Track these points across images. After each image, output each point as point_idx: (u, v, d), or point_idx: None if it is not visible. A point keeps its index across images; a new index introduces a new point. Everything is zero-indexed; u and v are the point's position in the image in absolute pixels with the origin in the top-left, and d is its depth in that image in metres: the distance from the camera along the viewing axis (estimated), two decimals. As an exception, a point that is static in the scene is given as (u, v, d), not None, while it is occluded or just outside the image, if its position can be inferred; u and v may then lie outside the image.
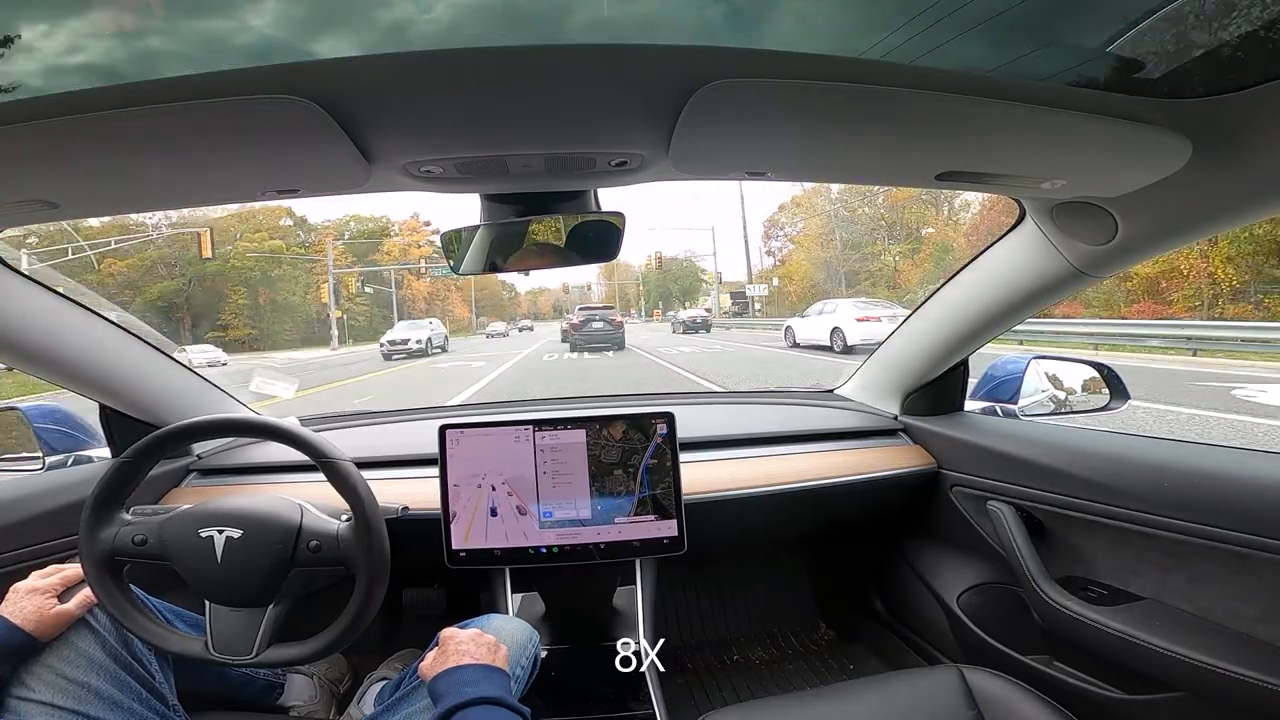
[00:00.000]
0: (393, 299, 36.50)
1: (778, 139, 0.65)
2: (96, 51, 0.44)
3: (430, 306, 43.51)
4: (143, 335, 1.17)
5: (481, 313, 61.90)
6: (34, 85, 0.46)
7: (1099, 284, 2.14)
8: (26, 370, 1.03)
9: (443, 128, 0.60)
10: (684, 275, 49.54)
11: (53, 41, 0.43)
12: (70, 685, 0.79)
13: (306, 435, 0.88)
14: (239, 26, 0.43)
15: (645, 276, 53.28)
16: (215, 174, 0.66)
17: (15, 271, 0.91)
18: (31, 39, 0.42)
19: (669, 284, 49.87)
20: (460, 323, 47.20)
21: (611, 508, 1.15)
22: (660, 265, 44.78)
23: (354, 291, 34.21)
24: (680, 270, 49.49)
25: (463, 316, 49.36)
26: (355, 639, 0.85)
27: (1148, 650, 0.88)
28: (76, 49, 0.43)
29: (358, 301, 35.54)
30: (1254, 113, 0.57)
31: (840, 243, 28.06)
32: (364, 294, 35.34)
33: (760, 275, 34.51)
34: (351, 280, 33.77)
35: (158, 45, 0.44)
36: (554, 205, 0.82)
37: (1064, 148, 0.66)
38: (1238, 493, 0.85)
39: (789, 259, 32.69)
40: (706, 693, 1.54)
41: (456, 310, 48.57)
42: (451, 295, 48.84)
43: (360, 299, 35.61)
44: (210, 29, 0.44)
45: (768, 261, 34.76)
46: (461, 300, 50.48)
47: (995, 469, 1.21)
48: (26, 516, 1.03)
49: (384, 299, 37.88)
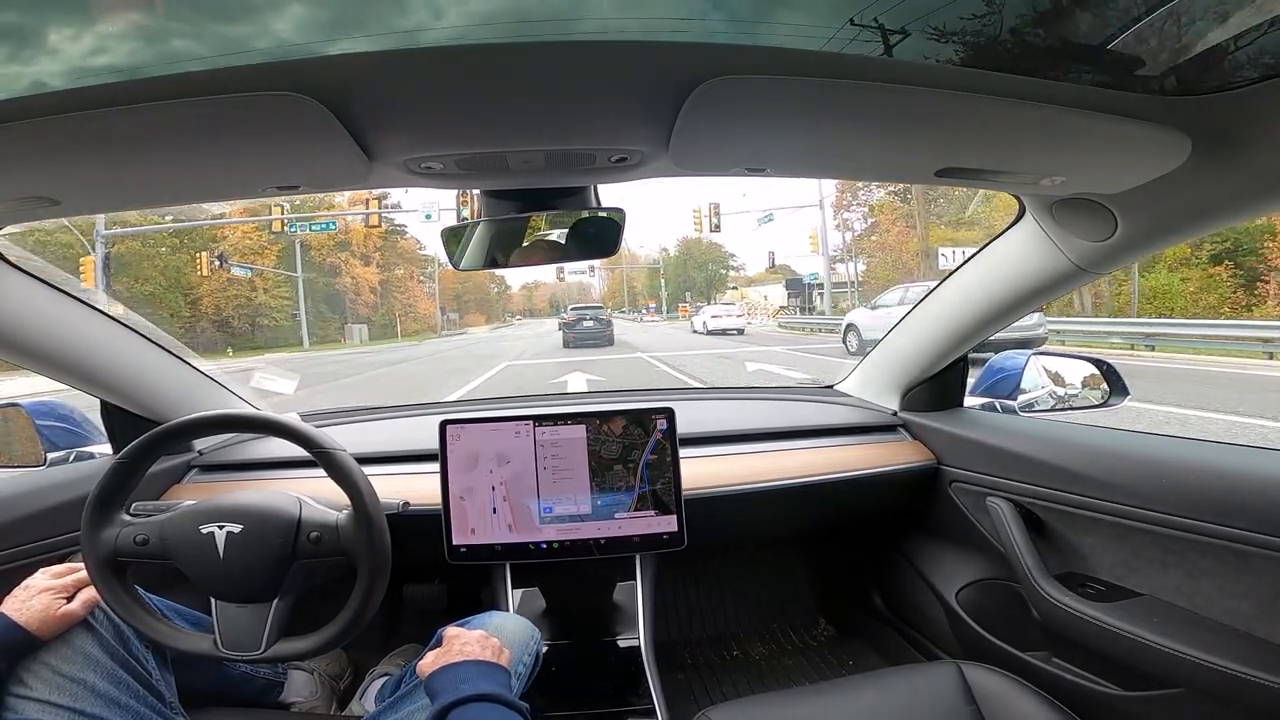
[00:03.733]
0: (336, 299, 29.41)
1: (777, 135, 0.65)
2: (103, 50, 0.44)
3: (383, 301, 35.30)
4: (143, 331, 1.17)
5: (465, 310, 54.80)
6: (55, 85, 0.46)
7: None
8: (27, 366, 1.03)
9: (443, 124, 0.60)
10: (709, 259, 42.37)
11: (79, 45, 0.43)
12: (67, 683, 0.78)
13: (305, 429, 0.88)
14: (258, 30, 0.43)
15: (666, 262, 45.88)
16: (216, 171, 0.66)
17: (15, 268, 0.91)
18: (58, 41, 0.43)
19: (691, 271, 43.14)
20: (424, 322, 38.54)
21: (611, 503, 1.15)
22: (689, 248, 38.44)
23: (266, 280, 25.20)
24: (704, 254, 42.37)
25: (426, 314, 40.10)
26: (360, 631, 0.86)
27: (1145, 647, 0.88)
28: (101, 49, 0.43)
29: (274, 293, 26.77)
30: (1253, 110, 0.57)
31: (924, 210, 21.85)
32: (285, 278, 26.97)
33: (839, 255, 25.95)
34: (269, 255, 25.03)
35: (161, 45, 0.45)
36: (554, 201, 0.82)
37: (1063, 145, 0.66)
38: (1236, 489, 0.85)
39: (881, 227, 24.48)
40: (706, 688, 1.55)
41: (420, 306, 39.52)
42: (413, 286, 38.98)
43: (277, 290, 26.94)
44: (225, 31, 0.44)
45: (840, 238, 25.79)
46: (426, 294, 40.62)
47: (994, 465, 1.22)
48: (27, 514, 1.03)
49: (326, 293, 31.29)
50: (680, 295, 43.91)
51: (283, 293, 27.34)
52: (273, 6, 0.42)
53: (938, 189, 18.50)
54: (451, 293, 50.25)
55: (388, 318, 34.86)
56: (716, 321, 18.49)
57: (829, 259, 24.68)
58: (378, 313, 34.31)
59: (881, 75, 0.52)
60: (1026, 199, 0.93)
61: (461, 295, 53.88)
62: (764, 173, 0.74)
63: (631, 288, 56.42)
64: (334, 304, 32.41)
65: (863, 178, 1.00)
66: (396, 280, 37.31)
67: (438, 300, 41.65)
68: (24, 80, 0.45)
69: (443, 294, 46.32)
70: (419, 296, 39.66)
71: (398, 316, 35.16)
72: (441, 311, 41.76)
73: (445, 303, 47.11)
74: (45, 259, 0.91)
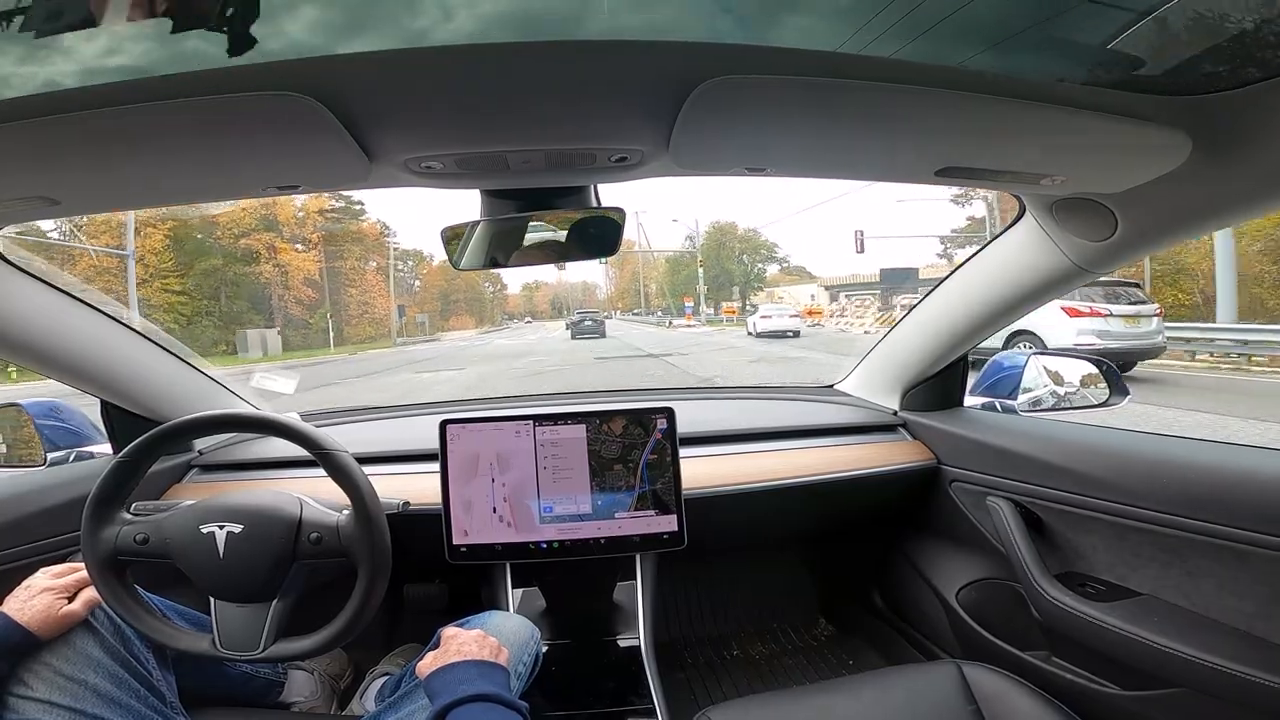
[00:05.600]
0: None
1: (778, 135, 0.65)
2: (117, 50, 0.44)
3: (333, 298, 27.36)
4: (143, 331, 1.17)
5: (451, 311, 47.44)
6: (65, 85, 0.46)
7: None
8: (28, 366, 1.03)
9: (443, 124, 0.60)
10: (746, 249, 33.10)
11: (94, 44, 0.43)
12: (68, 683, 0.78)
13: (305, 429, 0.88)
14: (272, 30, 0.43)
15: (704, 252, 37.92)
16: (216, 170, 0.66)
17: (16, 268, 0.91)
18: (73, 41, 0.43)
19: (726, 264, 36.36)
20: (378, 327, 30.02)
21: (612, 503, 1.15)
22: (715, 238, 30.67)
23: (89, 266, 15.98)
24: (741, 244, 33.77)
25: (382, 314, 30.53)
26: (360, 631, 0.85)
27: (1145, 646, 0.88)
28: (114, 50, 0.43)
29: (164, 284, 20.14)
30: (1254, 109, 0.57)
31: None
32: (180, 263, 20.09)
33: (962, 233, 19.80)
34: (155, 236, 17.32)
35: (174, 45, 0.44)
36: (554, 201, 0.82)
37: (1064, 144, 0.66)
38: (1236, 489, 0.85)
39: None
40: (706, 687, 1.55)
41: (380, 305, 30.64)
42: (370, 279, 30.20)
43: (106, 277, 17.72)
44: (239, 32, 0.44)
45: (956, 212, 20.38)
46: (384, 291, 31.22)
47: (994, 464, 1.22)
48: (28, 513, 1.04)
49: (252, 289, 23.56)
50: (729, 293, 36.36)
51: (175, 290, 21.33)
52: (287, 7, 0.42)
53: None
54: (437, 291, 44.17)
55: (340, 319, 27.90)
56: (766, 323, 17.65)
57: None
58: (317, 313, 26.96)
59: (881, 75, 0.52)
60: (1027, 199, 0.93)
61: (449, 294, 47.00)
62: (764, 172, 0.74)
63: (645, 287, 48.39)
64: (260, 303, 25.49)
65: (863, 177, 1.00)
66: (347, 272, 28.77)
67: (392, 296, 31.53)
68: (37, 80, 0.45)
69: (426, 292, 41.52)
70: (379, 293, 31.00)
71: (350, 318, 28.56)
72: (400, 312, 31.66)
73: (427, 303, 41.00)
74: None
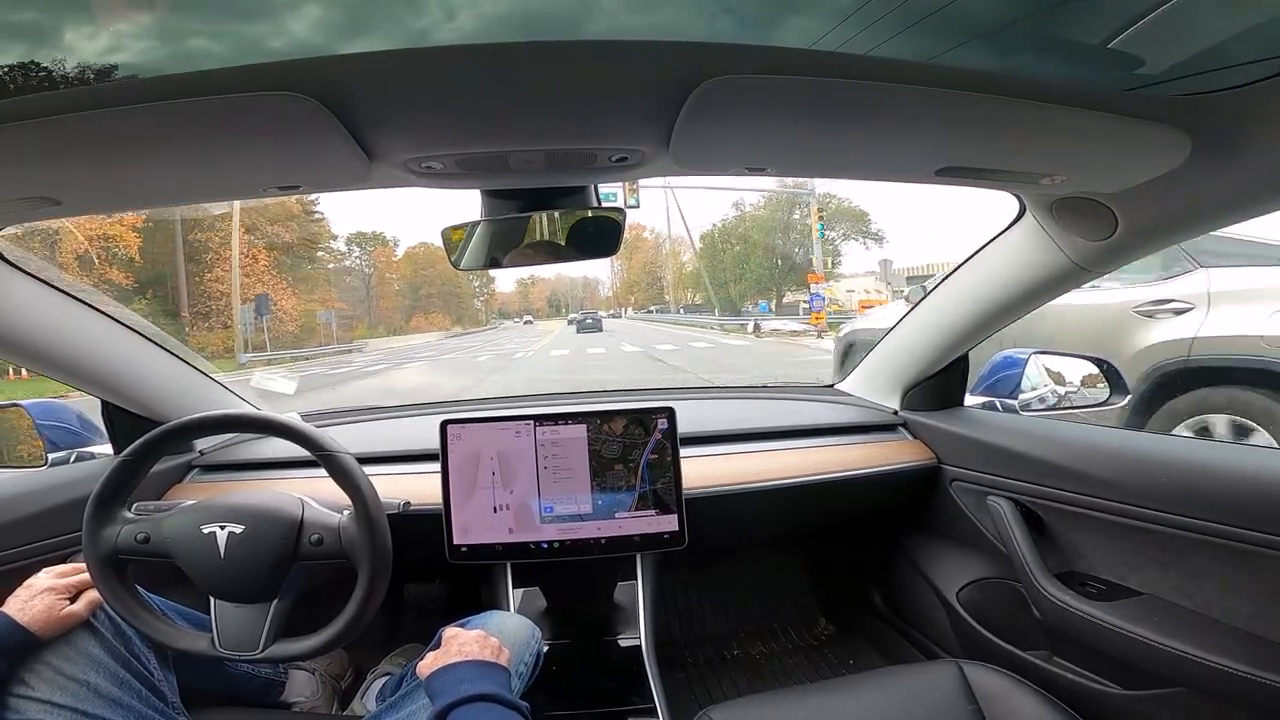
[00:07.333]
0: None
1: (778, 135, 0.65)
2: (118, 49, 0.44)
3: (165, 284, 19.29)
4: (144, 330, 1.18)
5: (428, 306, 39.30)
6: (69, 85, 0.46)
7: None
8: (28, 366, 1.03)
9: (444, 124, 0.60)
10: (840, 215, 22.99)
11: (95, 44, 0.43)
12: (69, 683, 0.78)
13: (306, 429, 0.88)
14: (275, 30, 0.43)
15: (757, 223, 28.75)
16: (216, 171, 0.66)
17: (16, 268, 0.91)
18: (74, 39, 0.43)
19: (774, 239, 26.34)
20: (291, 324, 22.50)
21: (612, 503, 1.15)
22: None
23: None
24: (838, 210, 23.09)
25: (290, 316, 22.84)
26: (360, 632, 0.85)
27: (1146, 646, 0.88)
28: (116, 48, 0.43)
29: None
30: (1254, 109, 0.57)
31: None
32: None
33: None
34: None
35: (177, 45, 0.44)
36: (554, 200, 0.82)
37: (1064, 144, 0.66)
38: (1236, 488, 0.85)
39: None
40: (707, 687, 1.55)
41: (285, 303, 22.76)
42: (255, 257, 21.91)
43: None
44: (242, 30, 0.44)
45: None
46: (284, 285, 22.58)
47: (995, 464, 1.22)
48: (29, 513, 1.04)
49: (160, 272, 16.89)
50: (774, 285, 28.29)
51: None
52: (290, 7, 0.42)
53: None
54: (407, 283, 38.11)
55: (171, 307, 19.33)
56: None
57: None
58: (131, 306, 14.99)
59: (882, 75, 0.52)
60: (1026, 198, 0.93)
61: (419, 287, 39.33)
62: (765, 172, 0.74)
63: (679, 272, 38.91)
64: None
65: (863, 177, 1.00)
66: (215, 246, 19.81)
67: (237, 283, 20.97)
68: (38, 80, 0.45)
69: (385, 286, 34.06)
70: (275, 284, 21.73)
71: (199, 316, 19.73)
72: (259, 307, 21.16)
73: (387, 298, 33.58)
74: None
